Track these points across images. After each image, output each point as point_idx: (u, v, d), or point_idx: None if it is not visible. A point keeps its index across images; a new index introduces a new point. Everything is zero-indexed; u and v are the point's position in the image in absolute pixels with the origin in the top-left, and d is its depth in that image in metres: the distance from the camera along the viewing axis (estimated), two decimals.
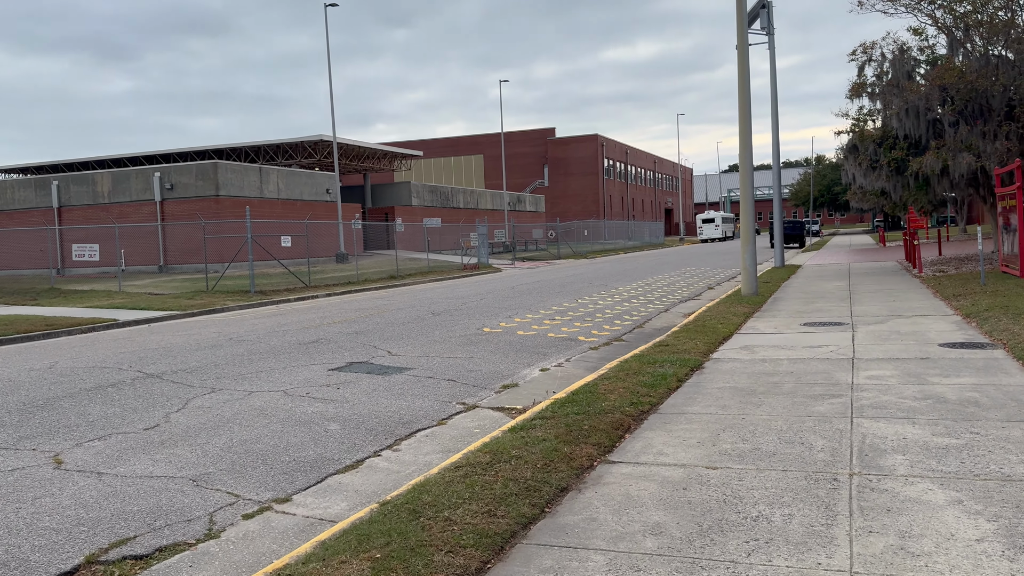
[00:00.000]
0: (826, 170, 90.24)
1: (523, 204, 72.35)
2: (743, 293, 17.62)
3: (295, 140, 45.21)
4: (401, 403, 8.09)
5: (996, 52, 21.74)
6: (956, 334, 10.76)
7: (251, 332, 14.37)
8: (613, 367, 9.37)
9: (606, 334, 13.31)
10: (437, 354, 11.16)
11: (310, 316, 17.18)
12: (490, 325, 14.41)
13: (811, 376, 8.38)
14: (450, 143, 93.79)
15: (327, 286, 27.17)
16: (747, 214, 17.86)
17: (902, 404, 6.88)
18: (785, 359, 9.52)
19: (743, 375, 8.65)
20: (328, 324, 15.22)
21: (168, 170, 38.19)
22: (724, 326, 12.64)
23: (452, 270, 36.30)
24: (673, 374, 8.65)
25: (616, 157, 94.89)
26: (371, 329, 14.07)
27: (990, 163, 20.37)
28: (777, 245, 28.49)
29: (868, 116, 24.82)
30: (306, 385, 9.03)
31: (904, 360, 9.02)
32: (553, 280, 27.45)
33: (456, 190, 60.64)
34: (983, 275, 16.38)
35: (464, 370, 9.92)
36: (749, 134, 17.70)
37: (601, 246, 62.83)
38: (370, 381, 9.20)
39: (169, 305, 21.52)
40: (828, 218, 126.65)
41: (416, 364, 10.31)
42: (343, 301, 22.10)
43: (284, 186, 41.17)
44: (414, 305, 19.11)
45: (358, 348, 11.70)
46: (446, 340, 12.52)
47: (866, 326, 12.09)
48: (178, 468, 6.09)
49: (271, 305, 22.24)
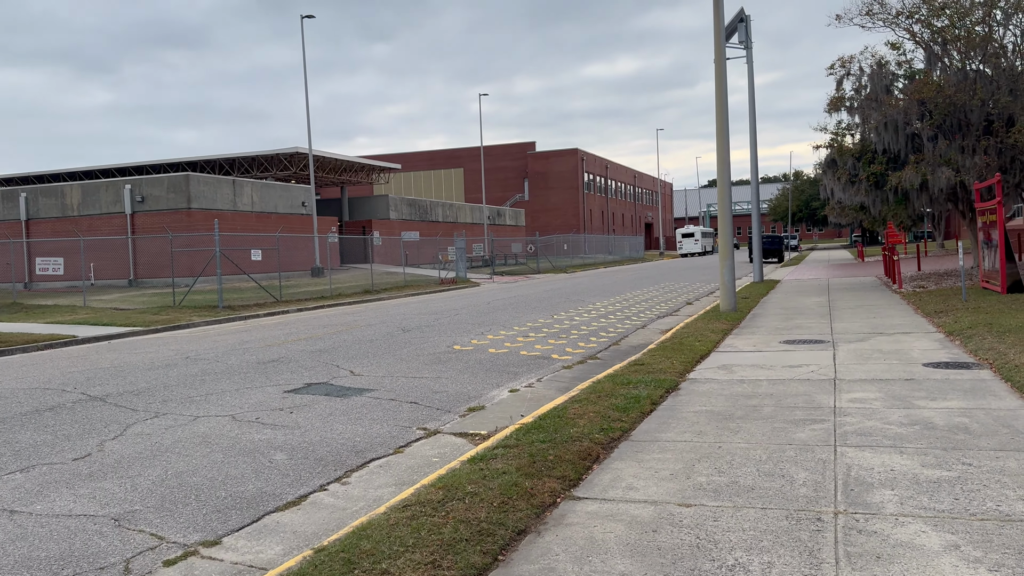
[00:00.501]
0: (804, 185, 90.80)
1: (503, 218, 71.99)
2: (721, 309, 17.25)
3: (270, 152, 44.60)
4: (357, 429, 7.57)
5: (974, 67, 21.65)
6: (940, 353, 10.41)
7: (211, 350, 13.77)
8: (585, 388, 8.91)
9: (581, 352, 12.86)
10: (403, 374, 10.64)
11: (276, 333, 16.60)
12: (461, 342, 13.91)
13: (792, 399, 7.96)
14: (430, 157, 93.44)
15: (299, 301, 26.56)
16: (725, 229, 17.52)
17: (888, 430, 6.46)
18: (764, 380, 9.11)
19: (720, 397, 8.22)
20: (293, 341, 14.65)
21: (139, 182, 37.43)
22: (702, 344, 12.24)
23: (429, 284, 35.78)
24: (647, 396, 8.20)
25: (596, 171, 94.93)
26: (336, 347, 13.52)
27: (969, 178, 20.21)
28: (756, 260, 28.24)
29: (847, 130, 24.67)
30: (257, 409, 8.48)
31: (888, 381, 8.63)
32: (530, 295, 27.00)
33: (435, 203, 60.18)
34: (964, 291, 16.11)
35: (429, 391, 9.42)
36: (727, 149, 17.40)
37: (581, 260, 62.55)
38: (327, 404, 8.67)
39: (133, 321, 20.83)
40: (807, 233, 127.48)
41: (379, 385, 9.78)
42: (313, 317, 21.51)
43: (258, 199, 40.51)
44: (385, 321, 18.57)
45: (320, 367, 11.16)
46: (414, 358, 12.01)
47: (847, 344, 11.72)
48: (102, 505, 5.53)
49: (239, 321, 21.61)
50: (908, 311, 15.87)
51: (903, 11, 22.23)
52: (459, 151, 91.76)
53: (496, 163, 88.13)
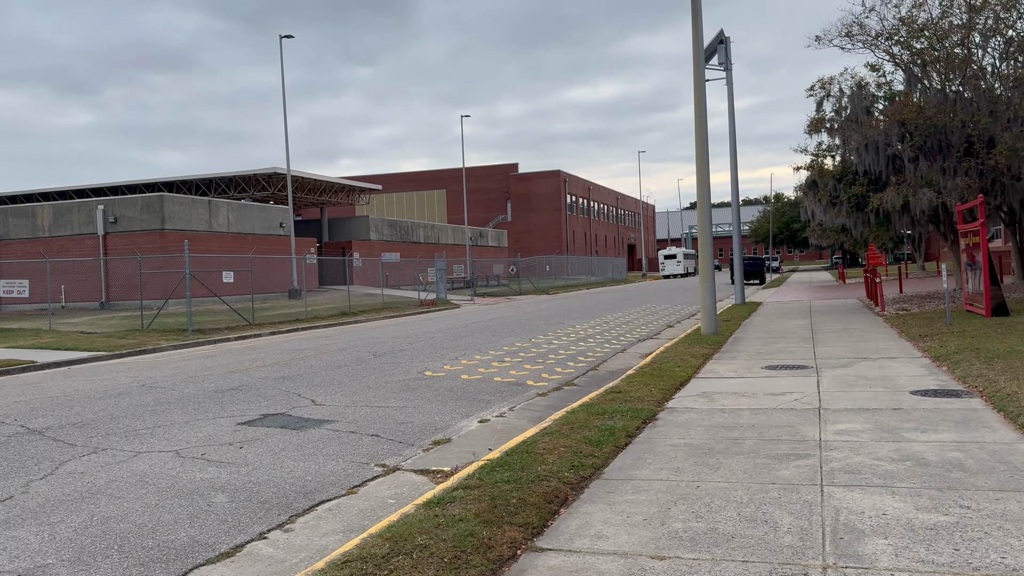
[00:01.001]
0: (785, 207, 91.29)
1: (485, 239, 71.63)
2: (702, 332, 16.86)
3: (248, 173, 44.03)
4: (310, 466, 7.03)
5: (954, 88, 21.57)
6: (928, 380, 10.01)
7: (170, 377, 13.16)
8: (558, 419, 8.42)
9: (557, 378, 12.38)
10: (367, 403, 10.10)
11: (242, 358, 16.00)
12: (434, 368, 13.39)
13: (775, 431, 7.51)
14: (413, 178, 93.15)
15: (272, 324, 25.92)
16: (705, 251, 17.17)
17: (878, 467, 6.02)
18: (746, 409, 8.66)
19: (700, 429, 7.75)
20: (257, 367, 14.06)
21: (112, 203, 36.73)
22: (682, 369, 11.80)
23: (408, 306, 35.22)
24: (623, 428, 7.73)
25: (579, 193, 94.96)
26: (301, 373, 12.96)
27: (951, 199, 20.03)
28: (737, 282, 27.95)
29: (827, 152, 24.51)
30: (205, 443, 7.92)
31: (875, 411, 8.20)
32: (510, 317, 26.52)
33: (416, 224, 59.73)
34: (949, 314, 15.81)
35: (393, 423, 8.89)
36: (706, 169, 17.09)
37: (563, 282, 62.21)
38: (281, 438, 8.12)
39: (98, 345, 20.14)
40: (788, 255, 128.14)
41: (340, 416, 9.24)
42: (285, 340, 20.91)
43: (235, 220, 39.88)
44: (357, 345, 18.01)
45: (280, 396, 10.60)
46: (381, 386, 11.47)
47: (831, 370, 11.32)
48: (10, 558, 4.96)
49: (208, 345, 20.96)
50: (892, 335, 15.53)
51: (882, 33, 22.18)
52: (442, 172, 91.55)
53: (479, 184, 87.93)
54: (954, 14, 21.65)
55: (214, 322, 25.67)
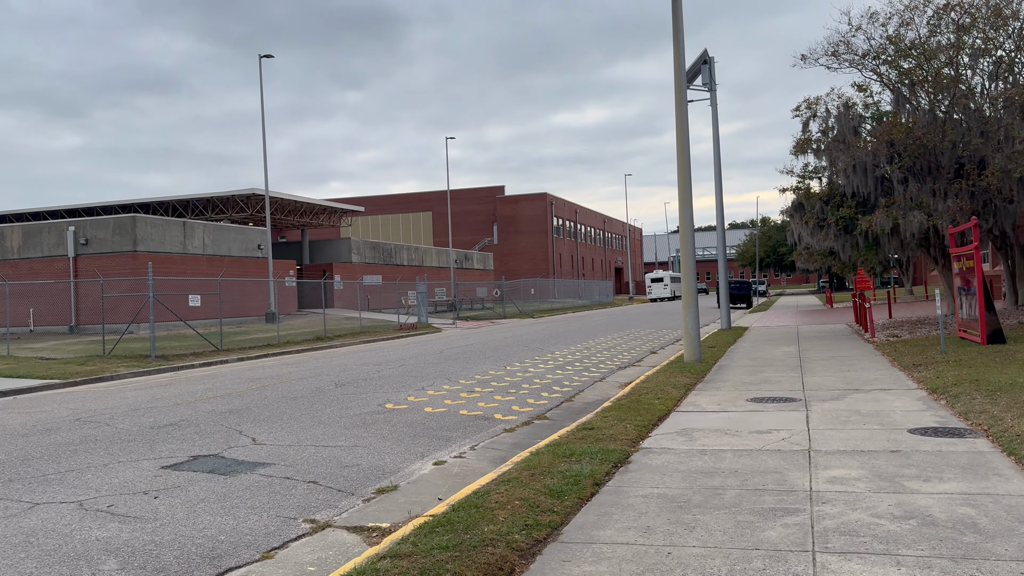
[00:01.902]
0: (771, 231, 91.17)
1: (471, 262, 70.87)
2: (685, 360, 16.05)
3: (226, 194, 43.17)
4: (227, 522, 6.13)
5: (943, 109, 21.04)
6: (926, 416, 9.21)
7: (111, 409, 12.20)
8: (520, 462, 7.56)
9: (528, 411, 11.52)
10: (314, 441, 9.20)
11: (197, 387, 15.05)
12: (396, 399, 12.50)
13: (760, 478, 6.67)
14: (399, 200, 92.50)
15: (242, 349, 24.94)
16: (688, 274, 16.40)
17: (878, 528, 5.18)
18: (728, 451, 7.82)
19: (677, 475, 6.91)
20: (208, 399, 13.12)
21: (83, 224, 35.75)
22: (661, 402, 10.97)
23: (387, 330, 34.30)
24: (590, 474, 6.87)
25: (565, 216, 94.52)
26: (252, 406, 12.03)
27: (942, 222, 19.39)
28: (723, 306, 27.22)
29: (814, 173, 23.91)
30: (117, 492, 7.00)
31: (871, 453, 7.38)
32: (489, 342, 25.64)
33: (400, 247, 58.92)
34: (943, 342, 15.07)
35: (338, 466, 7.99)
36: (688, 190, 16.38)
37: (549, 305, 61.41)
38: (206, 485, 7.21)
39: (53, 372, 19.13)
40: (775, 278, 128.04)
41: (280, 457, 8.34)
42: (250, 367, 19.95)
43: (210, 241, 38.94)
44: (322, 373, 17.09)
45: (219, 434, 9.68)
46: (335, 421, 10.57)
47: (821, 403, 10.52)
48: None
49: (169, 372, 19.98)
50: (884, 363, 14.77)
51: (869, 52, 21.67)
52: (428, 195, 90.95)
53: (465, 207, 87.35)
54: (942, 33, 21.18)
55: (181, 347, 24.68)
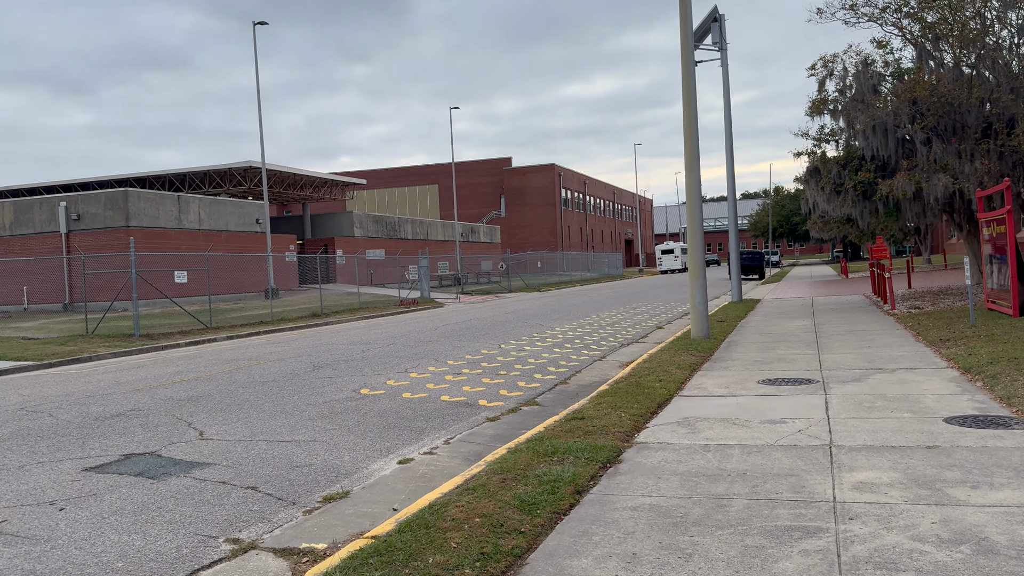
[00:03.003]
0: (785, 200, 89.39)
1: (477, 235, 69.70)
2: (692, 336, 14.96)
3: (223, 167, 42.09)
4: (133, 542, 5.13)
5: (969, 64, 19.63)
6: (962, 401, 8.10)
7: (64, 396, 11.25)
8: (494, 461, 6.54)
9: (518, 395, 10.49)
10: (269, 435, 8.20)
11: (167, 370, 14.10)
12: (374, 384, 11.48)
13: (773, 483, 5.61)
14: (405, 173, 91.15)
15: (232, 327, 24.02)
16: (696, 244, 15.25)
17: (923, 558, 4.11)
18: (736, 446, 6.76)
19: (674, 479, 5.85)
20: (173, 383, 12.16)
21: (75, 199, 34.82)
22: (663, 385, 9.91)
23: (388, 306, 33.32)
24: (571, 478, 5.83)
25: (574, 187, 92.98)
26: (215, 392, 11.04)
27: (969, 185, 18.10)
28: (734, 278, 26.05)
29: (830, 136, 22.55)
30: (19, 503, 6.01)
31: (904, 450, 6.30)
32: (488, 318, 24.60)
33: (404, 220, 57.79)
34: (972, 314, 13.89)
35: (287, 465, 6.99)
36: (695, 151, 15.17)
37: (556, 278, 60.29)
38: (126, 492, 6.22)
39: (30, 354, 18.27)
40: (788, 249, 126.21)
41: (224, 456, 7.34)
42: (233, 347, 19.01)
43: (206, 216, 37.95)
44: (304, 353, 16.11)
45: (166, 426, 8.69)
46: (300, 410, 9.56)
47: (841, 385, 9.42)
48: None
49: (151, 352, 19.07)
50: (907, 338, 13.63)
51: (890, 4, 20.23)
52: (434, 167, 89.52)
53: (471, 179, 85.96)
54: None
55: (169, 326, 23.78)
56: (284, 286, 42.53)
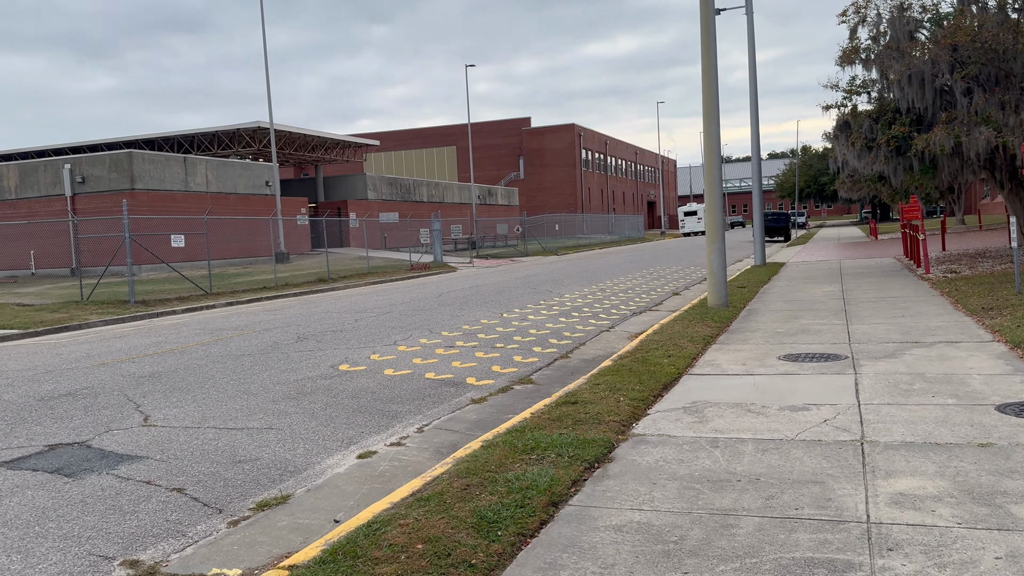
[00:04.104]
0: (812, 159, 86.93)
1: (494, 197, 68.45)
2: (709, 304, 13.87)
3: (231, 128, 41.13)
4: (9, 565, 4.24)
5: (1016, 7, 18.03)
6: (1015, 383, 7.00)
7: (23, 372, 10.45)
8: (465, 458, 5.59)
9: (511, 371, 9.51)
10: (222, 420, 7.30)
11: (145, 341, 13.28)
12: (356, 358, 10.55)
13: (792, 492, 4.59)
14: (422, 134, 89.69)
15: (233, 293, 23.23)
16: (714, 204, 14.07)
17: None
18: (750, 441, 5.73)
19: (672, 487, 4.85)
20: (142, 356, 11.32)
21: (79, 161, 34.09)
22: (672, 360, 8.88)
23: (398, 271, 32.45)
24: (547, 485, 4.85)
25: (595, 148, 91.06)
26: (181, 368, 10.17)
27: (1013, 139, 16.66)
28: (757, 240, 24.76)
29: (862, 88, 21.03)
30: None
31: (951, 448, 5.24)
32: (497, 284, 23.61)
33: (419, 182, 56.66)
34: (1018, 279, 12.64)
35: (229, 460, 6.08)
36: (715, 103, 13.91)
37: (575, 241, 59.05)
38: (32, 495, 5.34)
39: (18, 321, 17.59)
40: (815, 209, 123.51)
41: (162, 447, 6.44)
42: (225, 315, 18.20)
43: (214, 178, 37.11)
44: (293, 323, 15.23)
45: (111, 409, 7.82)
46: (265, 390, 8.65)
47: (873, 362, 8.34)
48: None
49: (143, 320, 18.33)
50: (945, 306, 12.44)
51: None
52: (451, 128, 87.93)
53: (489, 140, 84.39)
54: None
55: (169, 291, 23.06)
56: (296, 250, 41.80)
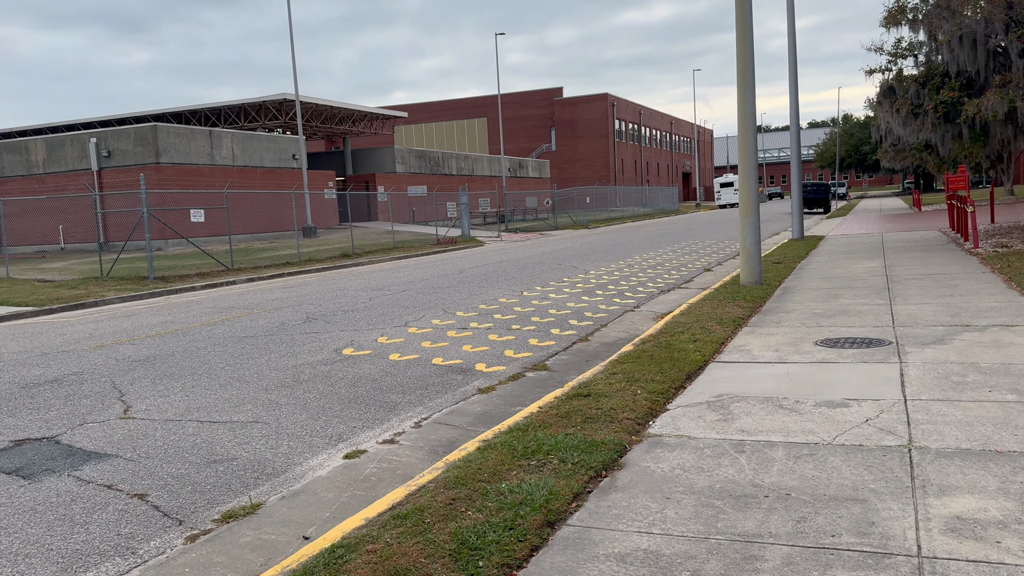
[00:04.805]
0: (853, 128, 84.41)
1: (525, 170, 67.50)
2: (742, 282, 13.09)
3: (256, 100, 40.75)
4: None
5: None
6: None
7: (20, 354, 10.08)
8: (458, 462, 5.01)
9: (525, 356, 8.90)
10: (206, 412, 6.79)
11: (154, 320, 12.90)
12: (363, 341, 10.01)
13: (828, 515, 3.91)
14: (452, 106, 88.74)
15: (255, 268, 22.90)
16: (748, 174, 13.21)
17: None
18: (780, 445, 5.05)
19: (688, 502, 4.21)
20: (142, 338, 10.90)
21: (104, 135, 33.97)
22: (698, 346, 8.19)
23: (424, 245, 31.92)
24: (544, 500, 4.24)
25: (628, 118, 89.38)
26: (178, 351, 9.71)
27: None
28: (795, 212, 23.73)
29: (908, 51, 19.82)
30: None
31: (1016, 458, 4.52)
32: (521, 259, 22.95)
33: (448, 155, 55.94)
34: None
35: (204, 459, 5.56)
36: (750, 65, 12.99)
37: (607, 214, 58.01)
38: None
39: (35, 298, 17.39)
40: (855, 180, 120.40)
41: (134, 444, 5.95)
42: (242, 292, 17.82)
43: (240, 151, 36.79)
44: (307, 301, 14.76)
45: (92, 398, 7.37)
46: (260, 377, 8.14)
47: (920, 349, 7.56)
48: None
49: (160, 296, 18.04)
50: (997, 284, 11.53)
51: None
52: (482, 99, 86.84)
53: (520, 112, 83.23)
54: None
55: (190, 267, 22.80)
56: (323, 224, 41.49)
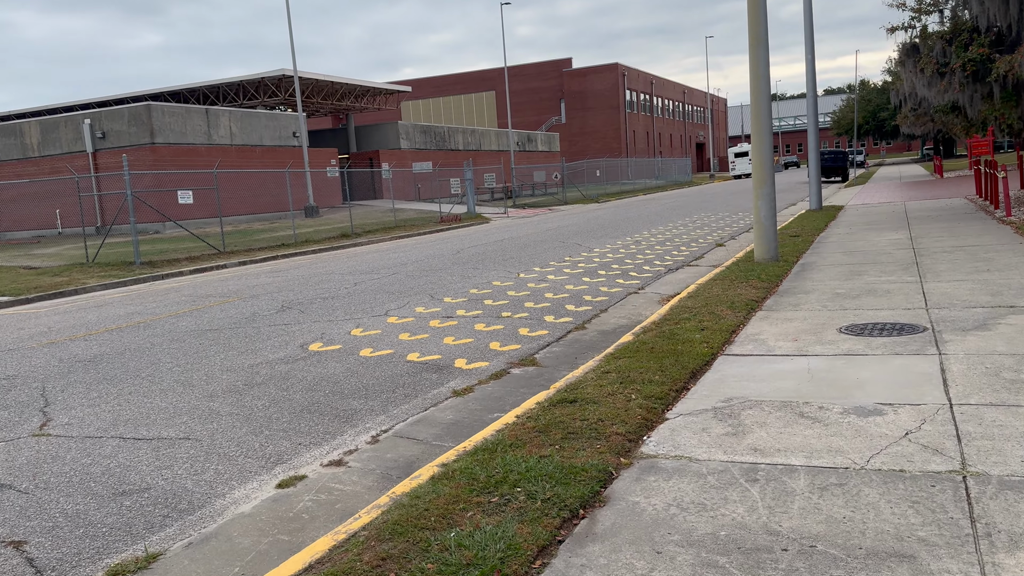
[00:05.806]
0: (871, 94, 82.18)
1: (534, 143, 66.15)
2: (756, 258, 12.08)
3: (255, 77, 39.69)
4: None
5: None
6: None
7: None
8: (406, 496, 4.10)
9: (514, 348, 7.96)
10: (133, 426, 5.90)
11: (120, 311, 12.05)
12: (335, 333, 9.09)
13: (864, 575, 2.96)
14: (458, 80, 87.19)
15: (248, 251, 22.03)
16: (761, 143, 12.12)
17: None
18: (802, 470, 4.09)
19: (684, 557, 3.26)
20: (97, 333, 10.03)
21: (98, 116, 33.10)
22: (705, 335, 7.22)
23: (427, 223, 30.94)
24: (499, 559, 3.32)
25: (640, 88, 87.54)
26: (126, 350, 8.83)
27: None
28: (812, 181, 22.57)
29: (933, 5, 18.50)
30: None
31: None
32: (523, 237, 21.94)
33: (454, 130, 54.73)
34: None
35: (112, 490, 4.67)
36: (764, 24, 11.85)
37: (619, 187, 56.72)
38: None
39: (14, 287, 16.64)
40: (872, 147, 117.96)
41: (35, 471, 5.07)
42: (226, 277, 16.96)
43: (238, 130, 35.83)
44: (288, 287, 13.86)
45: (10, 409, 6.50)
46: (210, 379, 7.25)
47: (960, 336, 6.56)
48: None
49: (143, 283, 17.22)
50: None
51: None
52: (490, 72, 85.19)
53: (529, 84, 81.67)
54: None
55: (180, 251, 21.97)
56: (326, 203, 40.57)
